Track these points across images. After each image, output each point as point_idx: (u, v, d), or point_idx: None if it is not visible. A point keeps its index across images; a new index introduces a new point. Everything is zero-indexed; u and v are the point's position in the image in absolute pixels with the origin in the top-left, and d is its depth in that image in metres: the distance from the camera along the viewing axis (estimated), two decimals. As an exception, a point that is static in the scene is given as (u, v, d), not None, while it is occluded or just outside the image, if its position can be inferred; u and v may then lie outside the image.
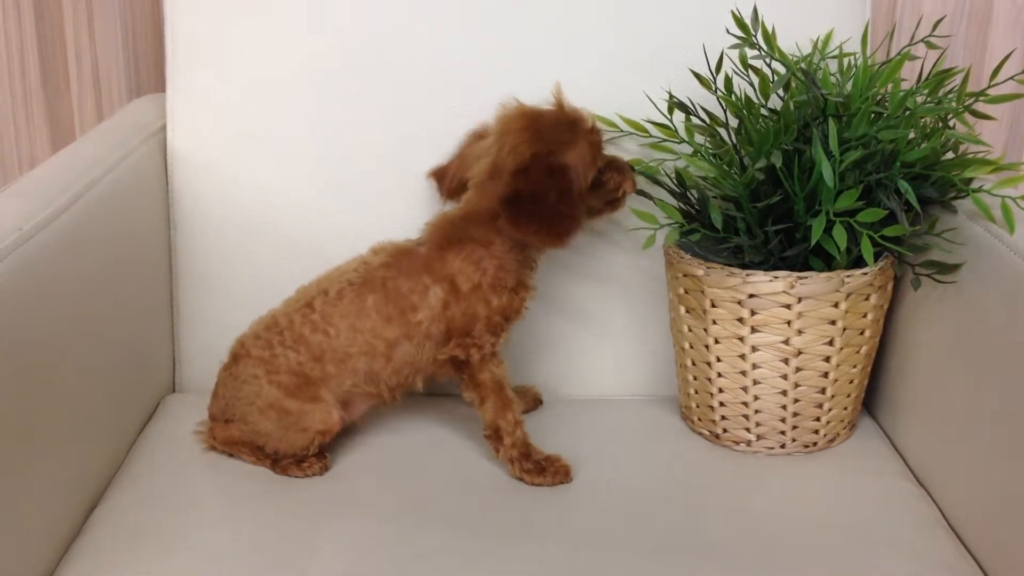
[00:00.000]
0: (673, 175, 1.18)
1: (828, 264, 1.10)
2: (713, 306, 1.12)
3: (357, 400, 1.14)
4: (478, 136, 1.16)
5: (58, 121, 1.49)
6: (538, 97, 1.11)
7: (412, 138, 1.25)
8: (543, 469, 1.10)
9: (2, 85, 1.47)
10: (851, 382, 1.15)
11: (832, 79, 1.14)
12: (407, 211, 1.15)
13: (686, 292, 1.15)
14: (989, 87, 1.07)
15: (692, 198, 1.17)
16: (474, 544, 0.99)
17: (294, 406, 1.10)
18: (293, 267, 1.18)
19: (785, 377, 1.12)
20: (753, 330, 1.11)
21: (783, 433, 1.15)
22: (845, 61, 1.16)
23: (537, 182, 1.06)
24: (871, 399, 1.23)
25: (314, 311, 1.11)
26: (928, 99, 1.09)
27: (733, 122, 1.16)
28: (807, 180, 1.07)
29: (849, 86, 1.11)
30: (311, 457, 1.11)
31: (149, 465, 1.12)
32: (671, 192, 1.19)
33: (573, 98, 1.12)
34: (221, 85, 1.27)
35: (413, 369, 1.13)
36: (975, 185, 1.08)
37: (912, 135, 1.08)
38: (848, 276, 1.08)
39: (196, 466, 1.13)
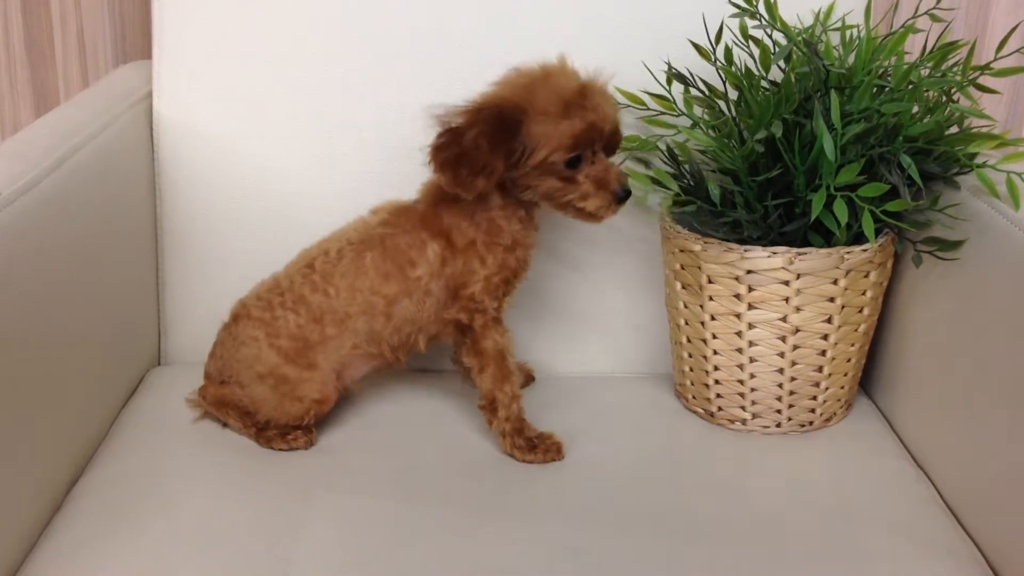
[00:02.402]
0: (666, 152, 1.16)
1: (827, 240, 1.08)
2: (710, 282, 1.10)
3: (359, 362, 1.12)
4: None
5: (42, 88, 1.46)
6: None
7: (407, 107, 1.22)
8: (534, 446, 1.08)
9: (-15, 51, 1.44)
10: (848, 360, 1.13)
11: (834, 52, 1.12)
12: (401, 180, 1.13)
13: (682, 268, 1.13)
14: (995, 60, 1.05)
15: (687, 173, 1.15)
16: (465, 521, 0.98)
17: (292, 373, 1.08)
18: (282, 238, 1.16)
19: (782, 355, 1.11)
20: (750, 307, 1.09)
21: (779, 412, 1.14)
22: (847, 34, 1.14)
23: (475, 121, 1.03)
24: (867, 379, 1.21)
25: (314, 271, 1.09)
26: (932, 72, 1.07)
27: (732, 94, 1.14)
28: (807, 154, 1.05)
29: (851, 59, 1.09)
30: (297, 430, 1.09)
31: (133, 438, 1.11)
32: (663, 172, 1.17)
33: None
34: (209, 51, 1.24)
35: (415, 327, 1.11)
36: (979, 160, 1.06)
37: (916, 109, 1.06)
38: (848, 252, 1.06)
39: (181, 439, 1.11)
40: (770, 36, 1.12)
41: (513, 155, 1.04)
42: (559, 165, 1.05)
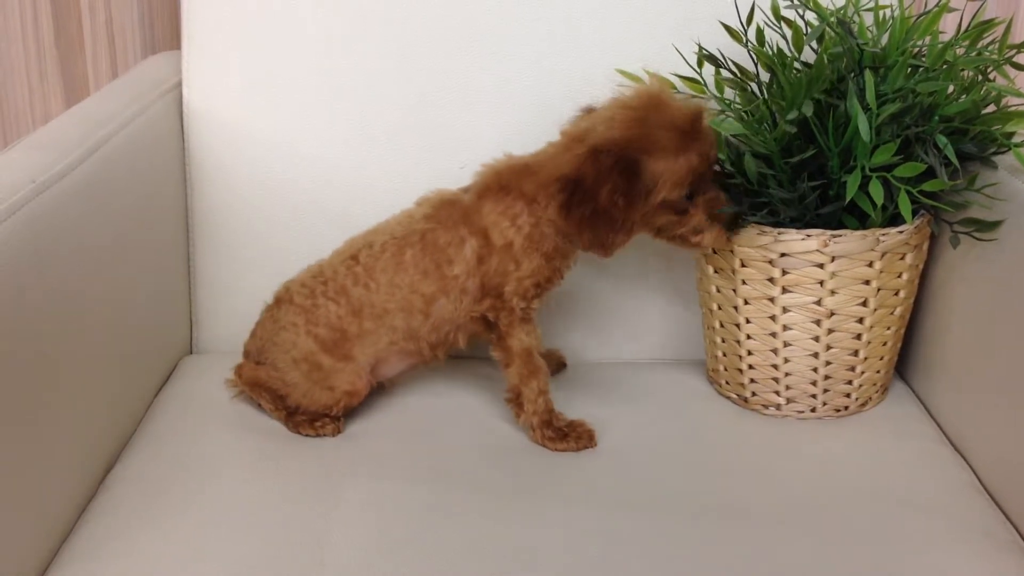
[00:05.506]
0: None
1: (862, 222, 1.07)
2: (743, 266, 1.09)
3: (395, 359, 1.12)
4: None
5: (72, 79, 1.47)
6: (565, 47, 1.07)
7: (437, 92, 1.23)
8: (566, 435, 1.08)
9: (15, 43, 1.45)
10: (884, 344, 1.12)
11: (868, 32, 1.10)
12: (433, 169, 1.13)
13: (714, 251, 1.12)
14: (1032, 38, 1.03)
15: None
16: (496, 505, 0.97)
17: (326, 362, 1.09)
18: (312, 227, 1.16)
19: (817, 339, 1.10)
20: (784, 290, 1.08)
21: (814, 397, 1.13)
22: (880, 14, 1.13)
23: (601, 172, 1.00)
24: (903, 362, 1.20)
25: (358, 263, 1.09)
26: (968, 51, 1.06)
27: (764, 76, 1.13)
28: (841, 136, 1.03)
29: (885, 39, 1.07)
30: (325, 418, 1.09)
31: (166, 425, 1.11)
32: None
33: (600, 51, 1.09)
34: (238, 39, 1.24)
35: (453, 326, 1.10)
36: (1016, 139, 1.04)
37: (951, 88, 1.05)
38: (883, 234, 1.05)
39: (214, 426, 1.11)
40: (802, 16, 1.11)
41: (641, 201, 1.03)
42: (676, 200, 1.04)
